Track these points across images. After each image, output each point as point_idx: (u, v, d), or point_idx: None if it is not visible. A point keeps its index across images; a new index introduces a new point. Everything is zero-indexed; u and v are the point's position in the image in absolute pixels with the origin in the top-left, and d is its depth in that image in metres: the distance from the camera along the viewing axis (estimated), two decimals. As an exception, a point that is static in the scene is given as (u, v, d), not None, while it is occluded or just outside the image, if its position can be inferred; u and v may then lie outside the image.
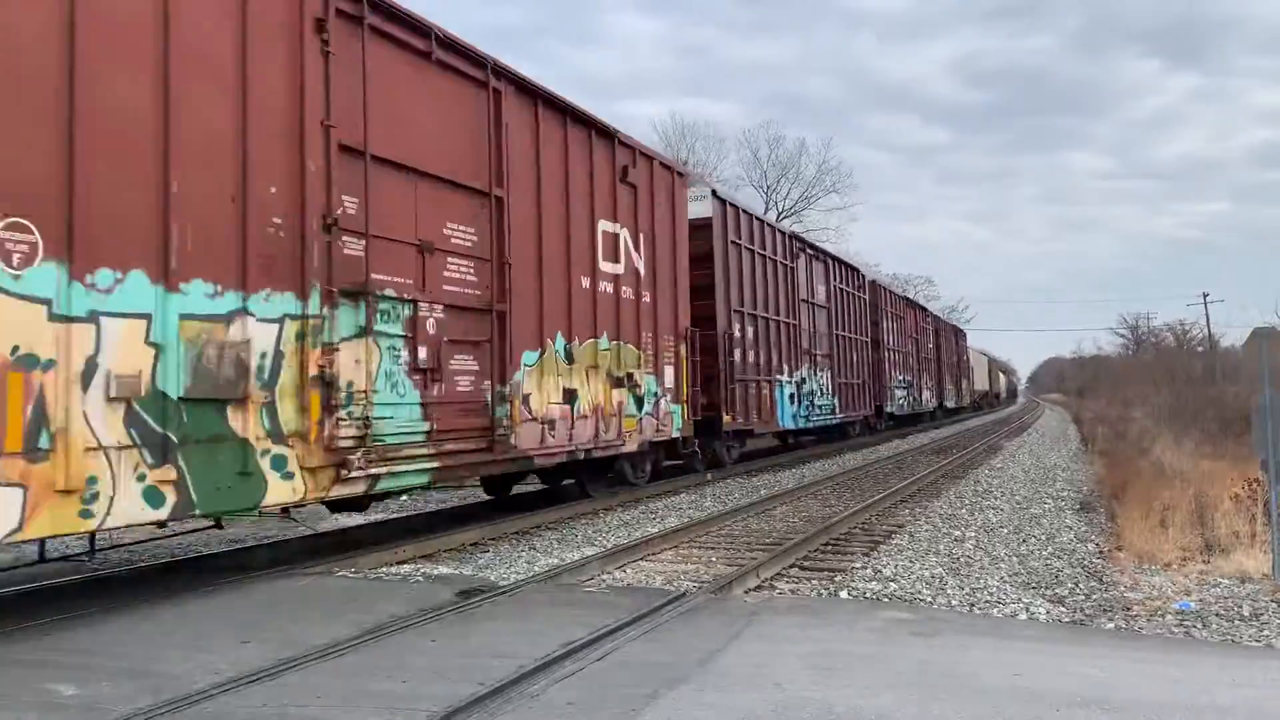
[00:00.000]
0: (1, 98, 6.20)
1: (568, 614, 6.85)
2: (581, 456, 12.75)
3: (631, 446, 13.99)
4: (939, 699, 4.94)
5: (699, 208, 17.54)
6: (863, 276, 30.36)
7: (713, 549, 10.56)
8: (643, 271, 14.46)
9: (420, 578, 8.31)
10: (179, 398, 7.13)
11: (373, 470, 8.88)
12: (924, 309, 43.38)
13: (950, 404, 48.51)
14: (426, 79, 9.94)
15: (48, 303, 6.37)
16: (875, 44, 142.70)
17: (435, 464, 9.78)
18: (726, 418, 17.60)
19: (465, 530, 10.96)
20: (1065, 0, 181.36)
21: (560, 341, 12.23)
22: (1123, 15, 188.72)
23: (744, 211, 19.90)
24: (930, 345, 42.40)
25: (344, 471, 8.54)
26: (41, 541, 7.44)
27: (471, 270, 10.54)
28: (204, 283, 7.39)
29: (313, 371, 8.25)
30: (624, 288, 13.86)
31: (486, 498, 14.80)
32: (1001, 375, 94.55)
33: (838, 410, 25.70)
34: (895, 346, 34.06)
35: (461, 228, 10.40)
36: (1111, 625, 7.20)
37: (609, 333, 13.42)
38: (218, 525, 8.69)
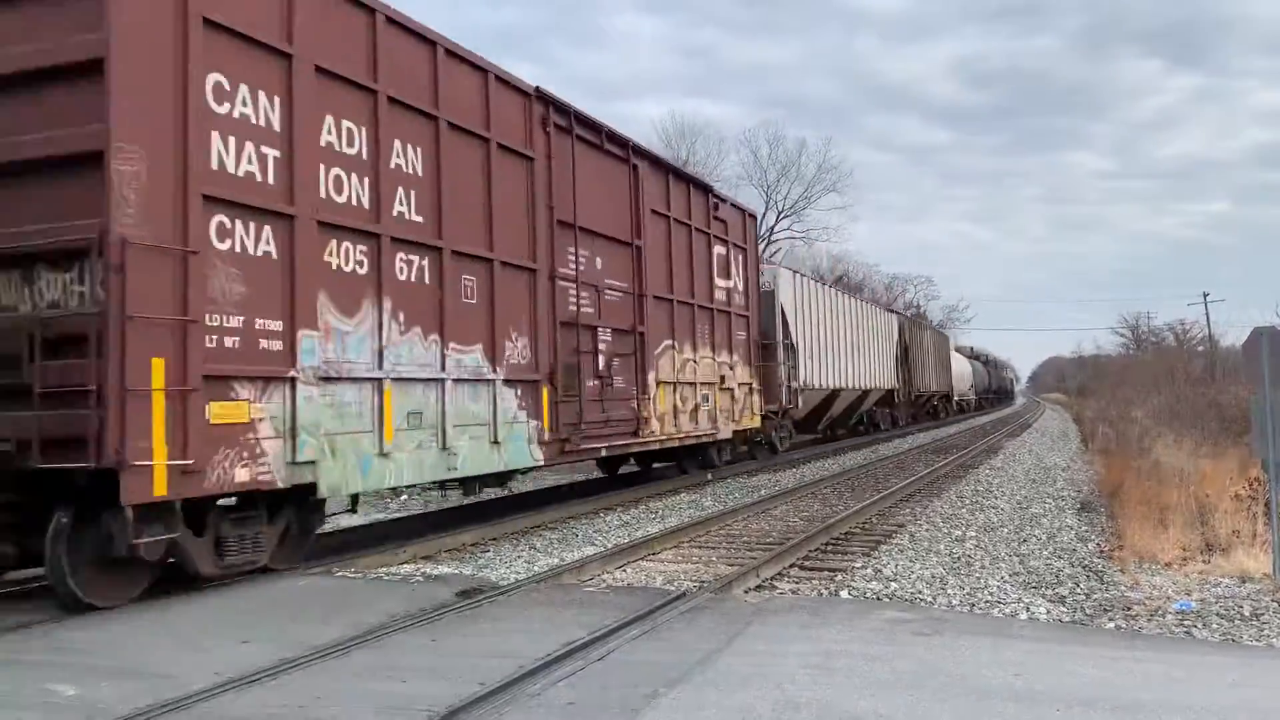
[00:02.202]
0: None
1: (568, 614, 6.85)
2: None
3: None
4: (939, 699, 4.93)
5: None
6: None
7: (713, 549, 10.55)
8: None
9: (420, 578, 8.31)
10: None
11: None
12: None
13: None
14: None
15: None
16: (876, 45, 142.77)
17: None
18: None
19: (465, 530, 10.97)
20: (1066, 1, 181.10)
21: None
22: (1124, 16, 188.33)
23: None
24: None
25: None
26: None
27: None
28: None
29: None
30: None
31: (488, 497, 14.76)
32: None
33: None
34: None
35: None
36: (1112, 625, 7.19)
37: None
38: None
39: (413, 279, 9.58)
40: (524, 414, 11.34)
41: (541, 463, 11.78)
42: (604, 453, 13.74)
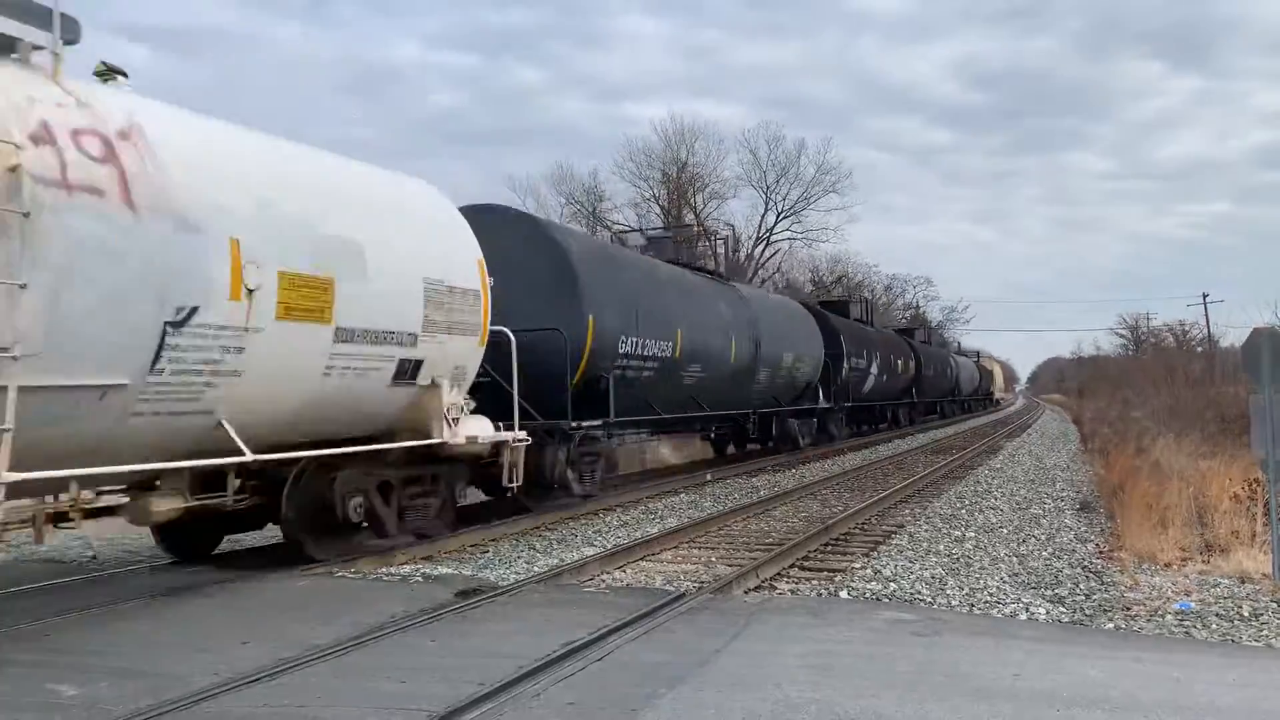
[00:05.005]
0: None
1: (568, 614, 6.85)
2: None
3: None
4: (939, 699, 4.94)
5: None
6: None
7: (712, 549, 10.56)
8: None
9: (420, 578, 8.31)
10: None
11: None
12: None
13: None
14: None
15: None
16: (878, 46, 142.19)
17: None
18: None
19: (465, 531, 10.96)
20: (1068, 2, 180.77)
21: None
22: (1126, 18, 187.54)
23: None
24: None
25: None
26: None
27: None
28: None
29: None
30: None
31: (487, 498, 14.76)
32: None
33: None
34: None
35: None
36: (1111, 625, 7.20)
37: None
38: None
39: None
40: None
41: None
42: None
